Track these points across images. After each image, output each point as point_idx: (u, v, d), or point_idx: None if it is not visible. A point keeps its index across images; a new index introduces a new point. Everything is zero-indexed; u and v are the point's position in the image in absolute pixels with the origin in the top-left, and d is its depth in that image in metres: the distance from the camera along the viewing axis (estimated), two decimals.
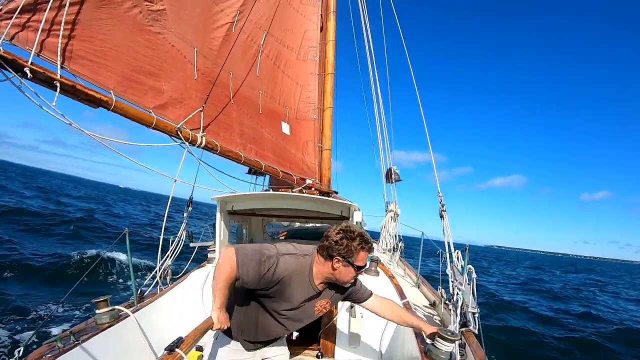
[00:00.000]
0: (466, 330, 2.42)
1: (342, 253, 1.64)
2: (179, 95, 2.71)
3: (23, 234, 11.94)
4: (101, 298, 2.62)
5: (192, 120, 2.78)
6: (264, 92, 3.94)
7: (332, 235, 1.67)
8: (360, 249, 1.67)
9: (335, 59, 5.03)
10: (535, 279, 21.72)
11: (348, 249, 1.64)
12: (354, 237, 1.66)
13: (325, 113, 4.98)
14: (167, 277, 3.80)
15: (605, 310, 12.33)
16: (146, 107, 2.38)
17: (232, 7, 3.30)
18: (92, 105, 1.98)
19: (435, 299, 3.60)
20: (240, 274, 1.54)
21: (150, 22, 2.43)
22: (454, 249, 3.05)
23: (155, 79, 2.50)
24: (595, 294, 17.47)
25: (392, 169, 6.18)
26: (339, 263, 1.67)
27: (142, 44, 2.39)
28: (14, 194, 22.12)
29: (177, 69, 2.71)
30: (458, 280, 2.64)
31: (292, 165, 4.32)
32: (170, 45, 2.63)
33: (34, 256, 9.25)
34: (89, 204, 25.96)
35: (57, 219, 15.04)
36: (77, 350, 2.13)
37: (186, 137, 2.64)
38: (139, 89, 2.37)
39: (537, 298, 13.70)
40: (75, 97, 1.86)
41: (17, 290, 7.15)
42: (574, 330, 8.91)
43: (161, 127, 2.45)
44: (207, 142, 2.86)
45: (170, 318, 3.20)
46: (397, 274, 4.34)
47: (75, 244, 11.76)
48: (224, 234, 3.67)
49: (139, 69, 2.37)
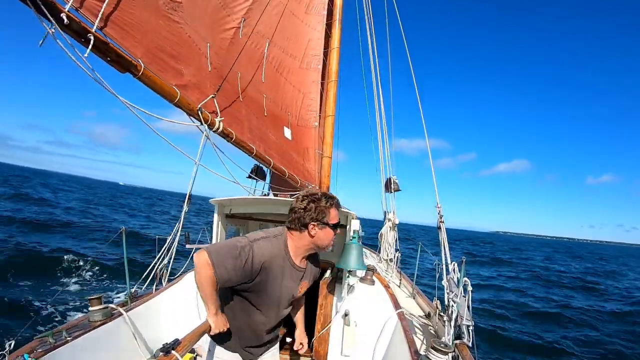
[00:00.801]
0: (460, 343, 2.41)
1: (314, 217, 1.65)
2: (196, 81, 2.73)
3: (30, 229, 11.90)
4: (95, 296, 2.61)
5: (207, 107, 2.80)
6: (267, 97, 3.98)
7: (298, 205, 1.69)
8: (329, 206, 1.69)
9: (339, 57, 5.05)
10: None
11: (319, 211, 1.66)
12: (319, 198, 1.68)
13: (327, 120, 5.00)
14: (163, 277, 3.79)
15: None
16: (170, 83, 2.39)
17: (237, 14, 3.36)
18: (120, 69, 1.96)
19: (430, 310, 3.58)
20: (219, 275, 1.50)
21: (170, 10, 2.49)
22: (450, 260, 3.05)
23: (176, 61, 2.54)
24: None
25: (391, 178, 6.19)
26: (315, 228, 1.67)
27: (165, 27, 2.43)
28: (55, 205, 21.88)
29: (194, 58, 2.76)
30: (454, 292, 2.64)
31: (295, 169, 4.33)
32: (187, 36, 2.68)
33: (33, 250, 9.22)
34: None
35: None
36: (69, 346, 2.12)
37: (205, 119, 2.64)
38: (163, 65, 2.39)
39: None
40: (105, 56, 1.84)
41: (9, 284, 7.11)
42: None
43: (184, 103, 2.45)
44: (224, 128, 2.85)
45: (164, 318, 3.19)
46: (392, 283, 4.33)
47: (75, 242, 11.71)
48: (221, 237, 3.67)
49: (162, 49, 2.40)
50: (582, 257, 36.17)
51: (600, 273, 22.68)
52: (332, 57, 5.08)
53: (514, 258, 27.45)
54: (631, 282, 20.08)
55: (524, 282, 15.84)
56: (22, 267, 8.14)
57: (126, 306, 2.89)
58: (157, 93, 2.25)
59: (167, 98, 2.32)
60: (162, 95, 2.29)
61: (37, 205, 20.62)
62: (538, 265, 24.13)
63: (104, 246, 9.17)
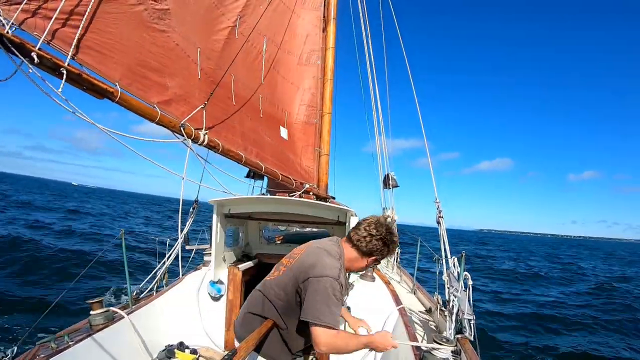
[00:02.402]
0: (461, 337, 2.43)
1: (384, 254, 1.74)
2: (183, 92, 2.72)
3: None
4: (96, 299, 2.61)
5: (195, 119, 2.79)
6: (263, 97, 3.96)
7: (375, 235, 1.70)
8: (394, 248, 1.79)
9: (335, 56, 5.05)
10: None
11: (390, 252, 1.76)
12: (393, 240, 1.74)
13: (324, 118, 5.00)
14: (163, 279, 3.79)
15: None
16: (150, 102, 2.39)
17: (232, 12, 3.32)
18: (97, 96, 1.97)
19: (431, 305, 3.60)
20: (338, 324, 1.55)
21: (155, 20, 2.45)
22: (450, 255, 3.06)
23: (160, 75, 2.52)
24: None
25: (389, 174, 6.19)
26: (372, 261, 1.77)
27: (148, 40, 2.40)
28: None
29: (181, 67, 2.73)
30: (454, 286, 2.65)
31: (291, 169, 4.32)
32: (174, 44, 2.64)
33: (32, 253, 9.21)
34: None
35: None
36: (71, 351, 2.12)
37: (189, 134, 2.64)
38: (144, 83, 2.38)
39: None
40: (80, 86, 1.85)
41: (10, 288, 7.09)
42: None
43: (165, 122, 2.45)
44: (209, 141, 2.85)
45: (165, 321, 3.18)
46: (393, 279, 4.34)
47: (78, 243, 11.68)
48: (220, 237, 3.66)
49: (145, 64, 2.38)
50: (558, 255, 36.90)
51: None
52: (328, 56, 5.06)
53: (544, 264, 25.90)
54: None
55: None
56: (22, 268, 8.16)
57: (127, 309, 2.89)
58: (137, 114, 2.27)
59: (147, 118, 2.34)
60: (142, 116, 2.30)
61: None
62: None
63: (104, 248, 9.15)
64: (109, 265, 9.24)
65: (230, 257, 3.98)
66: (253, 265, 3.99)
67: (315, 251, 1.73)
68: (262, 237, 4.78)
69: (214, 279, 3.56)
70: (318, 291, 1.55)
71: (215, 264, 3.57)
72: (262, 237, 4.80)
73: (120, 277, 8.55)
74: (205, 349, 3.15)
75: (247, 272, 3.78)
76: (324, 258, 1.66)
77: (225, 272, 3.63)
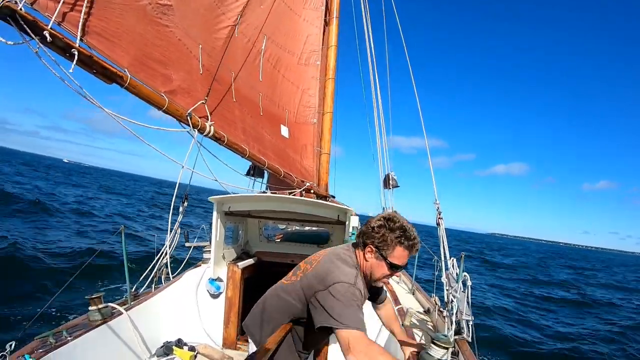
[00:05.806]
0: (460, 338, 2.43)
1: (375, 242, 1.50)
2: (187, 85, 2.74)
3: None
4: (95, 295, 2.61)
5: (198, 111, 2.80)
6: (263, 95, 3.95)
7: (373, 221, 1.54)
8: (397, 243, 1.48)
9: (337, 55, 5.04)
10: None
11: (383, 239, 1.48)
12: (394, 228, 1.48)
13: (325, 117, 5.00)
14: (162, 276, 3.79)
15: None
16: (158, 90, 2.40)
17: (233, 11, 3.32)
18: (107, 81, 1.97)
19: (430, 306, 3.60)
20: (364, 329, 1.39)
21: (159, 14, 2.47)
22: (449, 256, 3.06)
23: (165, 67, 2.54)
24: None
25: (389, 174, 6.18)
26: (371, 254, 1.54)
27: (152, 33, 2.42)
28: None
29: (184, 62, 2.75)
30: (453, 287, 2.65)
31: (292, 167, 4.32)
32: (177, 39, 2.66)
33: (26, 248, 9.19)
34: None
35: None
36: (69, 346, 2.13)
37: (195, 124, 2.65)
38: (151, 72, 2.39)
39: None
40: (90, 69, 1.84)
41: (8, 283, 7.09)
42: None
43: (172, 110, 2.46)
44: (215, 132, 2.86)
45: (163, 317, 3.19)
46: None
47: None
48: (220, 234, 3.67)
49: (150, 55, 2.40)
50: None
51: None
52: (330, 54, 5.06)
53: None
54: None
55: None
56: (18, 265, 8.14)
57: (126, 305, 2.90)
58: (145, 101, 2.28)
59: (156, 106, 2.35)
60: (150, 103, 2.31)
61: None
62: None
63: (104, 243, 9.15)
64: (108, 256, 9.24)
65: (230, 254, 3.99)
66: (253, 263, 4.00)
67: (330, 259, 1.65)
68: (262, 235, 4.79)
69: (213, 276, 3.57)
70: (336, 297, 1.45)
71: (214, 261, 3.58)
72: (263, 235, 4.80)
73: (119, 272, 8.57)
74: (203, 346, 3.17)
75: (247, 270, 3.79)
76: (340, 266, 1.58)
77: (224, 270, 3.64)
